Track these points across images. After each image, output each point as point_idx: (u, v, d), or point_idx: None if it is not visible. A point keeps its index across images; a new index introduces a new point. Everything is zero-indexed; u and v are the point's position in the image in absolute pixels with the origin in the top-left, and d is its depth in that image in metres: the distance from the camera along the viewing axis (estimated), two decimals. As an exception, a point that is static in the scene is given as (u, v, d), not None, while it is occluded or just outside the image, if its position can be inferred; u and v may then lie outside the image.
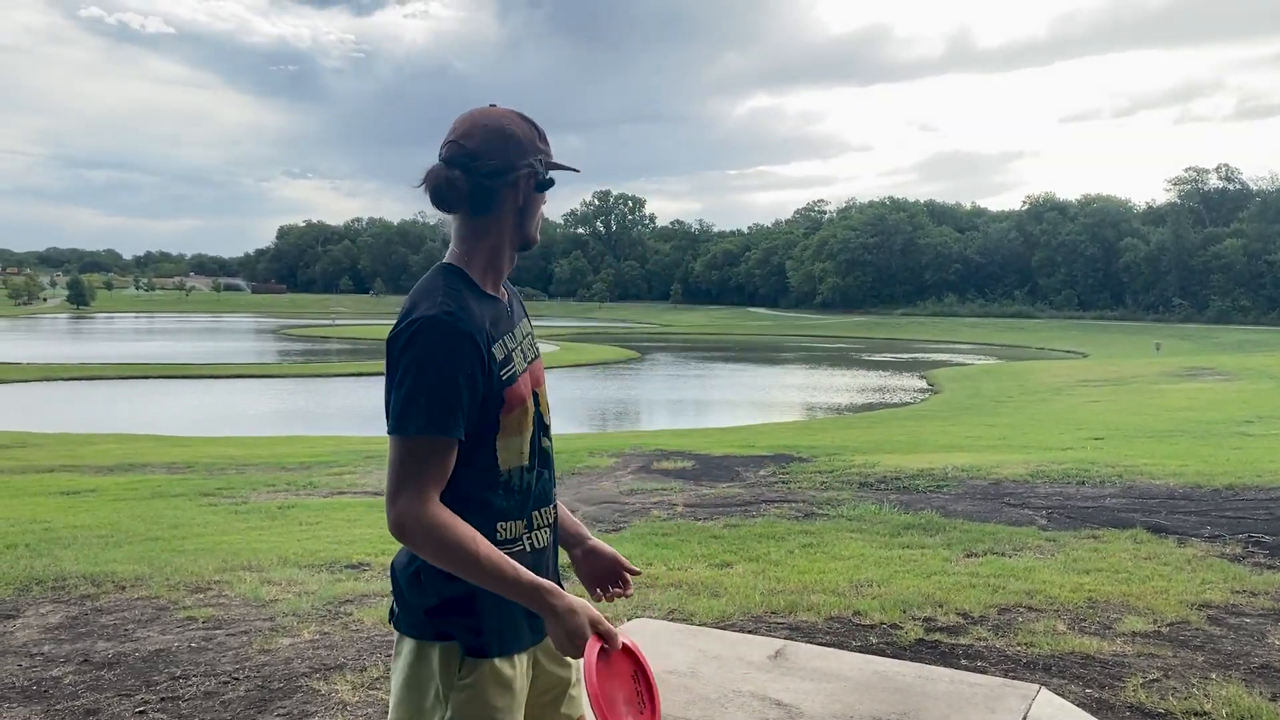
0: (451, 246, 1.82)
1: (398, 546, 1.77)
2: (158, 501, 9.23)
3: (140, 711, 3.67)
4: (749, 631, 4.61)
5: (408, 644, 1.76)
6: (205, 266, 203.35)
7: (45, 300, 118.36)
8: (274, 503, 8.91)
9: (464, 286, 1.75)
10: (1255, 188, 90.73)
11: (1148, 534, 6.72)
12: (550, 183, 1.83)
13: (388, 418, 1.67)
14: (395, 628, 1.79)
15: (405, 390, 1.64)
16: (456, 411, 1.67)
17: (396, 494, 1.65)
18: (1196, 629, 4.64)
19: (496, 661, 1.74)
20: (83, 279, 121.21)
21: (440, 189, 1.74)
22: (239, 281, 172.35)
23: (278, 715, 3.62)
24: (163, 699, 3.79)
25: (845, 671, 3.93)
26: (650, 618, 4.71)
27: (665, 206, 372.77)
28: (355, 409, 27.65)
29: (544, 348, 51.37)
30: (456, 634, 1.73)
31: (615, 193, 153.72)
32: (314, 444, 16.36)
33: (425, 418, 1.64)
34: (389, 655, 4.24)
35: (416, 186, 1.77)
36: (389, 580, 1.83)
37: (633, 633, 4.41)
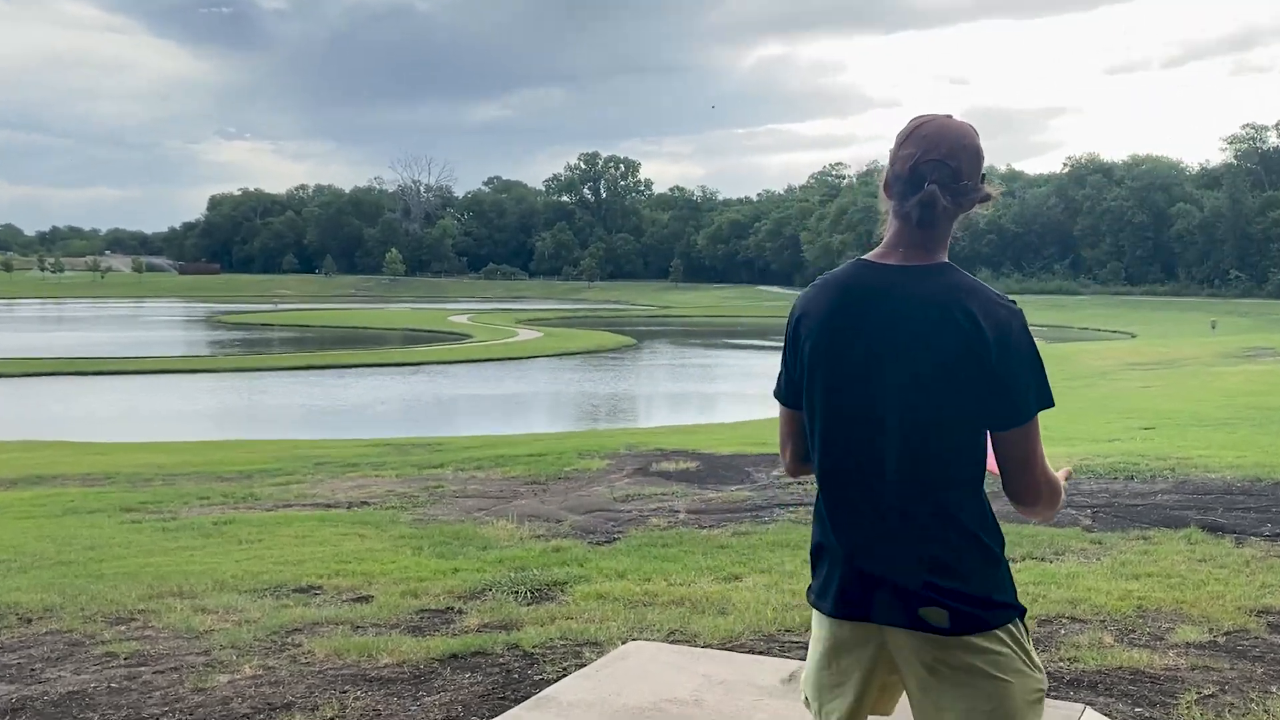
0: (923, 245, 2.20)
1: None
2: (70, 519, 9.22)
3: (54, 760, 3.68)
4: (760, 653, 4.63)
5: (1000, 634, 2.23)
6: (124, 243, 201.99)
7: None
8: (208, 518, 8.91)
9: None
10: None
11: (1202, 534, 6.84)
12: (988, 197, 2.25)
13: (1023, 398, 2.10)
14: (975, 629, 2.20)
15: (1042, 371, 2.13)
16: None
17: (1039, 461, 2.16)
18: (1256, 638, 4.73)
19: None
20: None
21: (930, 212, 2.16)
22: (163, 261, 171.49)
23: (214, 762, 3.63)
24: (80, 746, 3.79)
25: (874, 701, 3.94)
26: (647, 639, 4.72)
27: (663, 171, 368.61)
28: (302, 408, 27.66)
29: (526, 334, 51.55)
30: (1021, 606, 2.29)
31: (605, 155, 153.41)
32: (254, 449, 16.35)
33: None
34: (343, 691, 4.24)
35: (910, 204, 2.15)
36: (342, 605, 1.84)
37: (627, 656, 4.43)
